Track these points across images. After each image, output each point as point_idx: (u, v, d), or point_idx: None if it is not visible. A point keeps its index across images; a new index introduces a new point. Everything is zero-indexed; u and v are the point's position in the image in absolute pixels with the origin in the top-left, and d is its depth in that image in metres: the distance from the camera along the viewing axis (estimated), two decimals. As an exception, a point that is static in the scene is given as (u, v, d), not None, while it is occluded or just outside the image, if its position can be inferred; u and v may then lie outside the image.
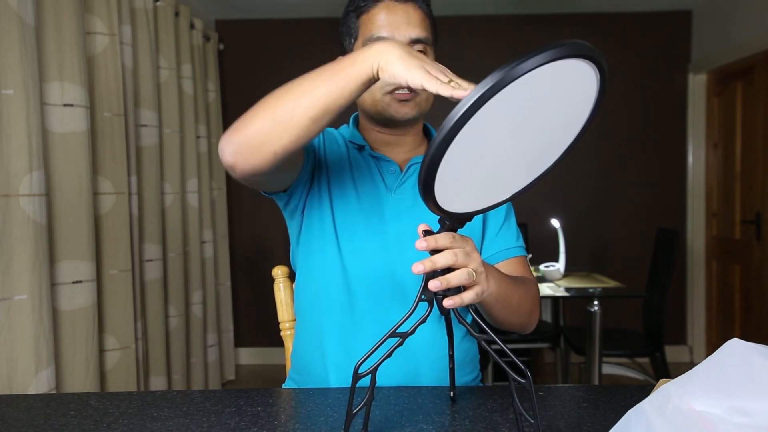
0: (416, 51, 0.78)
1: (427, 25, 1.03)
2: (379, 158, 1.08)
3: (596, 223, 3.91)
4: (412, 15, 1.00)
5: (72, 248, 1.88)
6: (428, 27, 1.03)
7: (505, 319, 0.96)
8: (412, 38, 1.00)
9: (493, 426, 0.81)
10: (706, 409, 0.54)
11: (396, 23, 0.99)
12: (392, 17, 1.00)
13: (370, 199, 1.06)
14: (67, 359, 1.87)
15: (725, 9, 3.53)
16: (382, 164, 1.08)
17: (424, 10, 1.03)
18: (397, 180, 1.07)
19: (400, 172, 1.08)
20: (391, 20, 0.99)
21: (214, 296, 3.41)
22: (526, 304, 0.99)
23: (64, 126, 1.86)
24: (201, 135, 3.30)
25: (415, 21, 1.00)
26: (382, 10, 1.01)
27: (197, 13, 3.47)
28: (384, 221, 1.05)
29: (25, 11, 1.64)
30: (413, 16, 1.00)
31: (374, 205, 1.06)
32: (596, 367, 2.50)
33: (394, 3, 1.01)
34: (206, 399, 0.96)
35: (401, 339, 0.74)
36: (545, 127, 0.62)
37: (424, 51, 1.02)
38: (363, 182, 1.07)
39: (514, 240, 1.10)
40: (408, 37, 0.99)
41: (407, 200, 1.06)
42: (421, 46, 1.01)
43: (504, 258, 1.07)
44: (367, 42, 1.01)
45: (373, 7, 1.01)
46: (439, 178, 0.61)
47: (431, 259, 0.72)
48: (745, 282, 3.43)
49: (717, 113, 3.74)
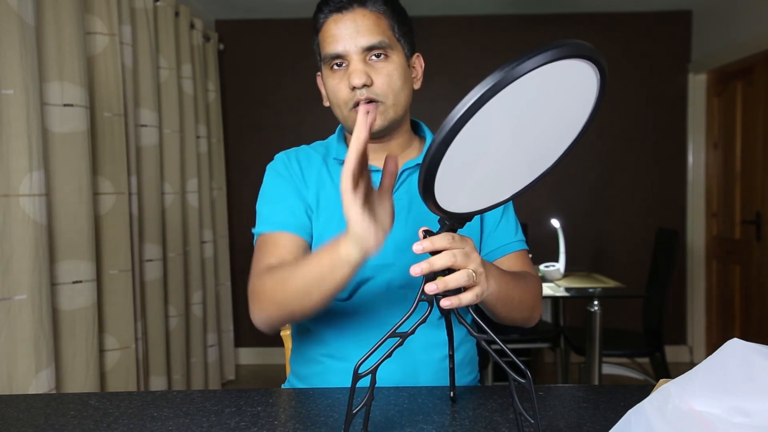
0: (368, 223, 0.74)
1: (383, 26, 0.98)
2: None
3: (596, 223, 3.91)
4: (362, 22, 0.96)
5: (72, 248, 1.88)
6: (386, 28, 0.98)
7: (507, 315, 0.96)
8: (363, 47, 0.96)
9: (493, 426, 0.81)
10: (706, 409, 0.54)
11: (344, 36, 0.96)
12: (340, 30, 0.97)
13: None
14: (67, 359, 1.87)
15: (725, 9, 3.53)
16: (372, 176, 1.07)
17: (379, 10, 0.98)
18: None
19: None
20: (339, 34, 0.96)
21: (214, 296, 3.41)
22: (528, 300, 0.99)
23: (64, 126, 1.86)
24: (201, 135, 3.30)
25: (365, 28, 0.96)
26: (330, 25, 0.98)
27: (197, 13, 3.47)
28: None
29: (25, 11, 1.64)
30: (362, 23, 0.96)
31: None
32: (596, 367, 2.50)
33: (340, 14, 0.97)
34: (206, 399, 0.96)
35: (401, 339, 0.74)
36: (545, 127, 0.62)
37: (385, 54, 0.97)
38: None
39: (513, 234, 1.09)
40: (359, 47, 0.96)
41: (402, 205, 1.04)
42: (378, 51, 0.97)
43: (503, 254, 1.07)
44: (327, 60, 0.99)
45: (324, 23, 0.99)
46: (439, 178, 0.61)
47: (429, 261, 0.72)
48: (745, 282, 3.43)
49: (717, 113, 3.74)
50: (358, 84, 0.95)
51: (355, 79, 0.95)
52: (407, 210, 1.04)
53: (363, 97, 0.96)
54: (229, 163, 3.87)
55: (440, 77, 3.89)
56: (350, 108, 0.98)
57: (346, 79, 0.97)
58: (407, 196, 1.06)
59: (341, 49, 0.97)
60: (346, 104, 0.99)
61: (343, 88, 0.98)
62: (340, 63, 0.98)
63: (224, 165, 3.71)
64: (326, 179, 1.07)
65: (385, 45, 0.97)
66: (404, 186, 1.06)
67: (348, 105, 0.98)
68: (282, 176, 1.07)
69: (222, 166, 3.66)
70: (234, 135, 3.92)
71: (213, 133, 3.51)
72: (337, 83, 0.99)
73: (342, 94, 0.98)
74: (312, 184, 1.07)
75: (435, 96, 3.90)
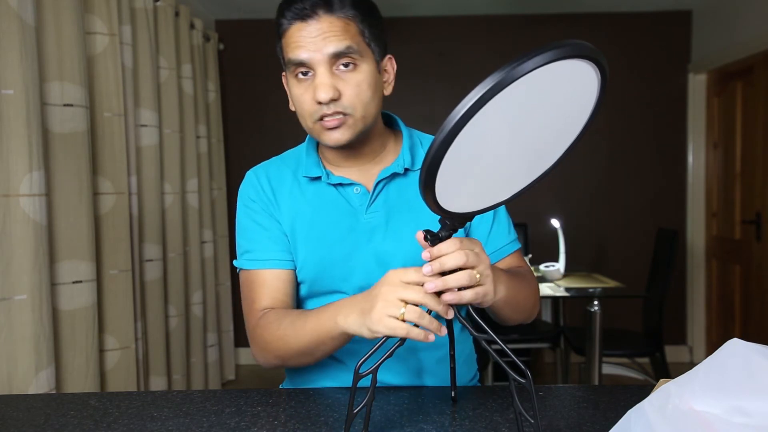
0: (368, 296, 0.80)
1: (352, 32, 0.91)
2: (338, 185, 1.01)
3: (596, 223, 3.91)
4: (327, 28, 0.89)
5: (72, 248, 1.87)
6: (355, 33, 0.91)
7: (511, 316, 0.97)
8: (330, 54, 0.89)
9: (493, 426, 0.81)
10: (706, 409, 0.54)
11: (310, 41, 0.89)
12: (304, 37, 0.89)
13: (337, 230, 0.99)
14: (67, 359, 1.87)
15: (725, 9, 3.53)
16: (344, 189, 1.01)
17: (348, 16, 0.90)
18: (366, 200, 1.00)
19: (366, 191, 1.01)
20: (303, 41, 0.89)
21: (214, 296, 3.41)
22: (530, 299, 1.00)
23: (64, 126, 1.86)
24: (201, 135, 3.30)
25: (331, 34, 0.89)
26: (294, 31, 0.90)
27: (197, 13, 3.47)
28: (358, 245, 0.99)
29: (25, 11, 1.64)
30: (329, 29, 0.89)
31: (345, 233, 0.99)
32: (596, 367, 2.50)
33: (304, 22, 0.89)
34: (206, 399, 0.96)
35: (401, 339, 0.74)
36: (546, 127, 0.62)
37: (353, 63, 0.91)
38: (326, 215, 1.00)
39: (506, 235, 1.07)
40: (326, 55, 0.89)
41: (380, 218, 1.00)
42: (346, 60, 0.90)
43: (501, 257, 1.07)
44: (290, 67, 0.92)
45: (287, 28, 0.91)
46: (439, 178, 0.61)
47: (440, 261, 0.72)
48: (745, 282, 3.43)
49: (717, 113, 3.74)
50: (325, 99, 0.89)
51: (322, 94, 0.89)
52: (385, 224, 1.00)
53: (330, 112, 0.90)
54: (229, 163, 3.87)
55: (440, 77, 3.90)
56: (315, 120, 0.93)
57: (312, 92, 0.91)
58: (384, 209, 1.00)
59: (305, 57, 0.90)
60: (311, 116, 0.93)
61: (309, 99, 0.92)
62: (305, 72, 0.91)
63: (224, 165, 3.71)
64: (299, 198, 1.02)
65: (353, 51, 0.90)
66: (380, 198, 1.01)
67: (313, 117, 0.92)
68: (254, 203, 1.03)
69: (222, 166, 3.66)
70: (234, 135, 3.92)
71: (213, 133, 3.51)
72: (302, 93, 0.93)
73: (307, 106, 0.92)
74: (285, 205, 1.03)
75: (435, 96, 3.91)
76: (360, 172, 1.03)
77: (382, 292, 0.76)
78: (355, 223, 1.00)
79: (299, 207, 1.02)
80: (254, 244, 1.02)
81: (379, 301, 0.75)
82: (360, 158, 1.02)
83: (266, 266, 1.00)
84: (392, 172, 1.01)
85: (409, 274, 0.75)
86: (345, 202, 1.01)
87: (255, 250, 1.02)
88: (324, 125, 0.92)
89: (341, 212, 1.00)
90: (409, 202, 1.01)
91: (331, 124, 0.91)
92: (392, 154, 1.05)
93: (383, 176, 1.00)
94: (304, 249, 1.00)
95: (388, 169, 1.01)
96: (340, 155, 1.02)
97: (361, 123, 0.94)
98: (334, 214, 1.00)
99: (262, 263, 1.01)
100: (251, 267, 1.01)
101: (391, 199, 1.01)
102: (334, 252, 0.99)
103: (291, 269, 1.02)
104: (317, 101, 0.90)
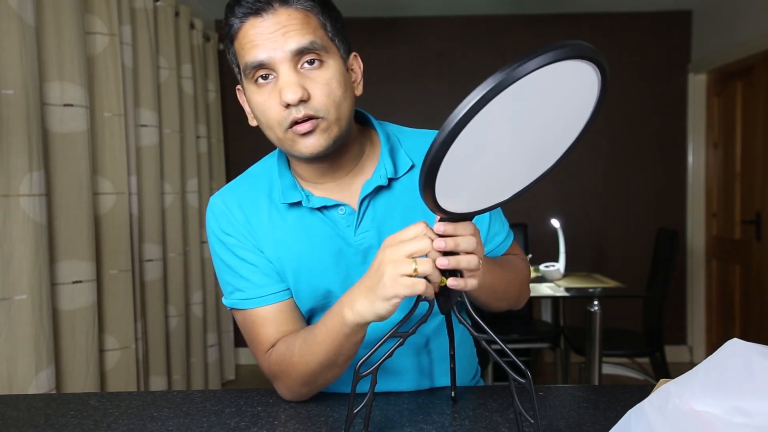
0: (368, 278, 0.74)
1: (314, 25, 0.82)
2: (322, 208, 0.91)
3: (596, 223, 3.91)
4: (287, 22, 0.80)
5: (72, 248, 1.88)
6: (316, 27, 0.82)
7: (491, 304, 0.93)
8: (293, 50, 0.80)
9: (493, 426, 0.81)
10: (706, 409, 0.54)
11: (268, 38, 0.79)
12: (261, 35, 0.80)
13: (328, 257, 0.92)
14: (67, 359, 1.87)
15: (725, 9, 3.53)
16: (328, 212, 0.92)
17: (306, 7, 0.82)
18: (353, 220, 0.91)
19: (352, 210, 0.91)
20: (259, 39, 0.80)
21: (214, 296, 3.42)
22: (513, 287, 0.96)
23: (64, 126, 1.86)
24: (201, 135, 3.30)
25: (291, 28, 0.80)
26: (248, 29, 0.81)
27: (197, 13, 3.47)
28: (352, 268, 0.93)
29: (25, 11, 1.64)
30: (289, 23, 0.80)
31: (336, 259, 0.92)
32: (596, 367, 2.50)
33: (259, 18, 0.80)
34: (206, 399, 0.96)
35: (402, 339, 0.74)
36: (546, 128, 0.62)
37: (319, 60, 0.82)
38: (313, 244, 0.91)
39: (503, 230, 1.05)
40: (288, 52, 0.80)
41: (371, 237, 0.92)
42: (311, 56, 0.81)
43: (501, 252, 1.05)
44: (247, 73, 0.82)
45: (240, 28, 0.82)
46: (439, 178, 0.61)
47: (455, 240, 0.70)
48: (745, 282, 3.43)
49: (717, 113, 3.74)
50: (293, 100, 0.79)
51: (289, 95, 0.79)
52: (378, 243, 0.91)
53: (300, 115, 0.80)
54: (229, 163, 3.87)
55: (440, 77, 3.90)
56: (285, 129, 0.82)
57: (277, 95, 0.81)
58: (373, 226, 0.92)
59: (264, 56, 0.80)
60: (279, 125, 0.82)
61: (274, 105, 0.82)
62: (265, 75, 0.82)
63: (224, 165, 3.71)
64: (280, 226, 0.93)
65: (318, 47, 0.81)
66: (368, 216, 0.92)
67: (282, 125, 0.82)
68: (230, 237, 0.93)
69: (222, 166, 3.66)
70: (234, 135, 3.92)
71: (213, 133, 3.51)
72: (265, 100, 0.82)
73: (273, 113, 0.82)
74: (265, 234, 0.92)
75: (435, 96, 3.91)
76: (340, 188, 0.93)
77: (386, 255, 0.71)
78: (346, 247, 0.92)
79: (282, 237, 0.92)
80: (243, 281, 0.92)
81: (386, 265, 0.70)
82: (338, 171, 0.92)
83: (265, 303, 0.91)
84: (375, 185, 0.91)
85: (406, 232, 0.71)
86: (331, 225, 0.91)
87: (246, 289, 0.92)
88: (296, 131, 0.82)
89: (329, 238, 0.91)
90: (399, 214, 0.93)
91: (304, 128, 0.81)
92: (371, 161, 0.95)
93: (367, 191, 0.91)
94: (295, 281, 0.93)
95: (371, 183, 0.91)
96: (316, 170, 0.91)
97: (336, 127, 0.84)
98: (322, 240, 0.91)
99: (258, 301, 0.91)
100: (248, 306, 0.92)
101: (379, 215, 0.92)
102: (328, 280, 0.92)
103: (289, 296, 0.93)
104: (285, 104, 0.80)
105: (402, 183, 0.94)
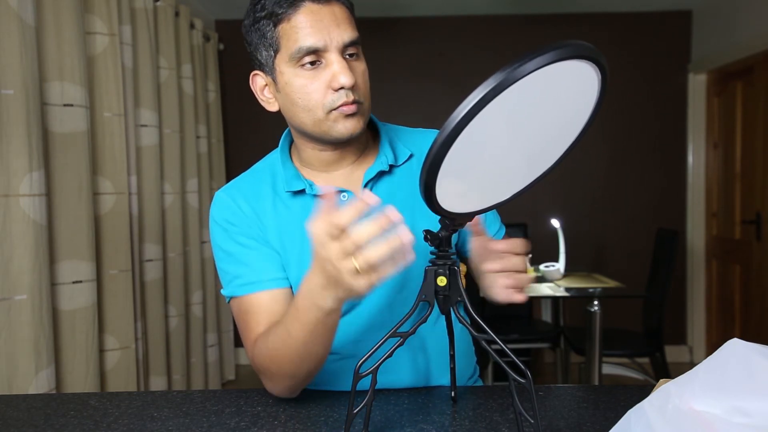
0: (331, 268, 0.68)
1: (354, 22, 0.90)
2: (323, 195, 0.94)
3: (596, 223, 3.91)
4: (340, 15, 0.87)
5: (72, 248, 1.88)
6: (355, 24, 0.90)
7: None
8: (346, 42, 0.86)
9: (493, 426, 0.81)
10: (706, 409, 0.54)
11: (324, 27, 0.85)
12: (318, 22, 0.85)
13: None
14: (67, 359, 1.87)
15: (725, 9, 3.53)
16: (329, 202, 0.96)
17: (347, 6, 0.90)
18: None
19: (354, 197, 0.94)
20: (318, 25, 0.85)
21: (214, 296, 3.42)
22: None
23: (64, 126, 1.86)
24: (201, 135, 3.30)
25: (344, 21, 0.87)
26: (305, 15, 0.85)
27: (197, 13, 3.47)
28: None
29: (25, 11, 1.64)
30: (341, 16, 0.87)
31: None
32: (596, 367, 2.50)
33: (318, 5, 0.85)
34: (206, 399, 0.96)
35: (402, 339, 0.74)
36: (546, 128, 0.62)
37: (357, 54, 0.89)
38: None
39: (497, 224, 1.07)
40: (341, 42, 0.86)
41: None
42: (354, 48, 0.88)
43: None
44: (295, 56, 0.86)
45: (294, 13, 0.85)
46: (440, 178, 0.61)
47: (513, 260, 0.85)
48: (745, 282, 3.43)
49: (717, 113, 3.74)
50: (349, 84, 0.85)
51: (346, 79, 0.85)
52: None
53: (350, 99, 0.87)
54: (229, 163, 3.87)
55: (440, 77, 3.90)
56: (328, 111, 0.87)
57: (322, 79, 0.87)
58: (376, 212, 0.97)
59: (321, 43, 0.85)
60: (323, 107, 0.87)
61: (320, 88, 0.87)
62: (313, 61, 0.87)
63: (224, 165, 3.71)
64: (284, 214, 0.96)
65: (359, 42, 0.89)
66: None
67: (326, 108, 0.87)
68: (234, 227, 0.95)
69: (222, 166, 3.66)
70: (234, 135, 3.92)
71: (213, 133, 3.51)
72: (309, 83, 0.87)
73: (318, 96, 0.87)
74: (270, 223, 0.95)
75: (435, 96, 3.91)
76: (343, 177, 0.98)
77: (321, 256, 0.69)
78: None
79: (286, 224, 0.95)
80: (242, 267, 0.94)
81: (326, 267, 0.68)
82: (344, 160, 0.97)
83: (261, 288, 0.92)
84: (378, 170, 0.96)
85: (335, 220, 0.68)
86: None
87: (245, 274, 0.93)
88: (342, 112, 0.87)
89: None
90: (401, 200, 0.97)
91: (351, 109, 0.87)
92: (372, 152, 1.01)
93: (370, 176, 0.96)
94: (299, 269, 0.94)
95: (373, 168, 0.96)
96: (327, 158, 0.96)
97: (367, 114, 0.92)
98: None
99: (256, 285, 0.93)
100: (244, 292, 0.93)
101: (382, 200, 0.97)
102: None
103: (288, 287, 0.94)
104: (338, 87, 0.86)
105: (402, 170, 1.00)
